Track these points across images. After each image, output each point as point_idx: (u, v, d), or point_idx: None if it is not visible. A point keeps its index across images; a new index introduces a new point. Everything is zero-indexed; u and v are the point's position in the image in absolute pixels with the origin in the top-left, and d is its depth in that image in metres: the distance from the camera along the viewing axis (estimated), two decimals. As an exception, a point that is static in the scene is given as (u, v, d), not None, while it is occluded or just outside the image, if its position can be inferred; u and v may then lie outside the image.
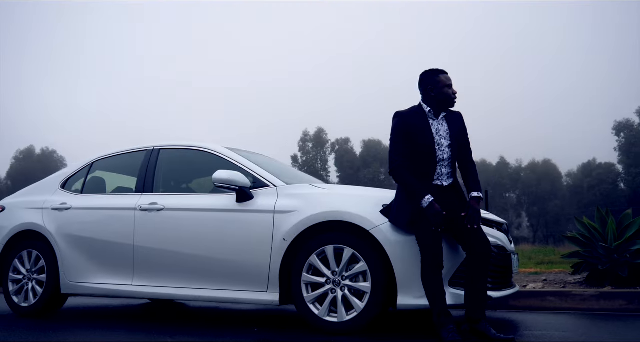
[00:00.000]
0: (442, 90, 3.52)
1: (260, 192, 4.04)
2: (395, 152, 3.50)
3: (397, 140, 3.50)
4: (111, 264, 4.51)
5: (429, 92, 3.54)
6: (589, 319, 4.38)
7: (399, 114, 3.56)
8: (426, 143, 3.47)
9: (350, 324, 3.51)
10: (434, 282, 3.27)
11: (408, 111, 3.58)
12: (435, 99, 3.53)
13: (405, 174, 3.42)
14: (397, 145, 3.50)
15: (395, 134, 3.53)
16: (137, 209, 4.46)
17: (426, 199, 3.32)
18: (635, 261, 5.48)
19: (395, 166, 3.47)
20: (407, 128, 3.49)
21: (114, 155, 5.12)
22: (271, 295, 3.80)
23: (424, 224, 3.33)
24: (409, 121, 3.51)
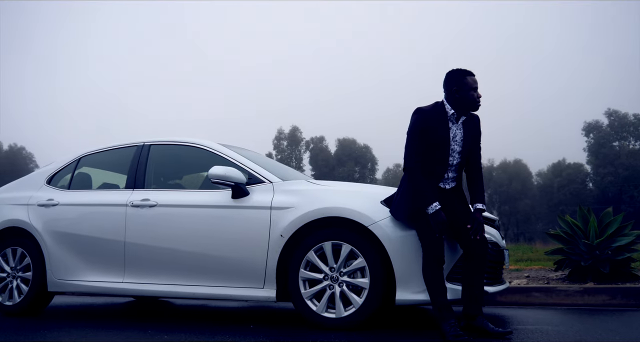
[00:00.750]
0: (467, 92, 3.42)
1: (256, 188, 4.03)
2: (412, 149, 3.43)
3: (414, 137, 3.43)
4: (101, 261, 4.44)
5: (454, 93, 3.44)
6: (576, 314, 4.49)
7: (420, 111, 3.47)
8: (441, 148, 3.43)
9: (349, 320, 3.53)
10: (435, 277, 3.30)
11: (430, 109, 3.48)
12: (459, 101, 3.44)
13: (419, 177, 3.38)
14: (413, 143, 3.44)
15: (413, 130, 3.45)
16: (128, 205, 4.40)
17: (433, 205, 3.31)
18: (616, 258, 5.63)
19: (410, 166, 3.43)
20: (426, 127, 3.42)
21: (102, 151, 5.04)
22: (268, 291, 3.80)
23: (424, 221, 3.36)
24: (430, 121, 3.44)
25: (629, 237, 5.81)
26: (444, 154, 3.45)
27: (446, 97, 3.51)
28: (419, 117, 3.45)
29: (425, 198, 3.33)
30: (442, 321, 3.24)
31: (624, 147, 47.67)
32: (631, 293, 5.06)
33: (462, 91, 3.42)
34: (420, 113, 3.46)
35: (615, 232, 5.85)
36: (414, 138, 3.44)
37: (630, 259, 5.79)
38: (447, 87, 3.49)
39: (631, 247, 5.80)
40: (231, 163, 4.21)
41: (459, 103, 3.45)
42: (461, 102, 3.44)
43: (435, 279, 3.29)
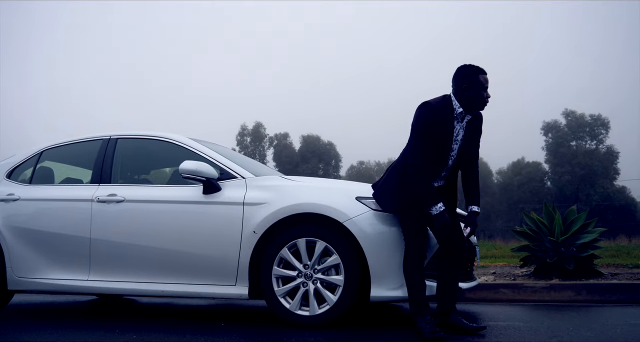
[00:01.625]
0: (478, 92, 3.29)
1: (228, 183, 3.95)
2: (419, 145, 3.28)
3: (420, 131, 3.27)
4: (65, 258, 4.28)
5: (463, 91, 3.30)
6: (544, 310, 4.55)
7: (429, 105, 3.30)
8: (442, 148, 3.33)
9: (323, 318, 3.49)
10: (415, 272, 3.27)
11: (438, 105, 3.32)
12: (468, 99, 3.31)
13: (425, 177, 3.25)
14: (419, 138, 3.28)
15: (419, 123, 3.28)
16: (94, 201, 4.25)
17: (438, 206, 3.23)
18: (581, 254, 5.75)
19: (419, 165, 3.26)
20: (432, 122, 3.27)
21: (66, 145, 4.86)
22: (240, 289, 3.73)
23: (413, 214, 3.32)
24: (437, 117, 3.28)
25: (593, 234, 5.94)
26: (444, 154, 3.34)
27: (454, 92, 3.37)
28: (427, 111, 3.28)
29: (429, 199, 3.23)
30: (418, 317, 3.23)
31: (580, 146, 49.05)
32: (595, 289, 5.17)
33: (472, 89, 3.30)
34: (427, 107, 3.30)
35: (580, 230, 5.97)
36: (420, 132, 3.28)
37: (594, 255, 5.93)
38: (457, 83, 3.34)
39: (594, 244, 5.94)
40: (202, 158, 4.12)
41: (467, 101, 3.32)
42: (470, 100, 3.31)
43: (415, 274, 3.27)
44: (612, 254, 9.97)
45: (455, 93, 3.36)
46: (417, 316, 3.24)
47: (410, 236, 3.32)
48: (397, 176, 3.40)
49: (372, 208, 3.54)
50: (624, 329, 3.45)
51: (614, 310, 4.50)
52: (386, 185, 3.46)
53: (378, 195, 3.50)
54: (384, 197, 3.45)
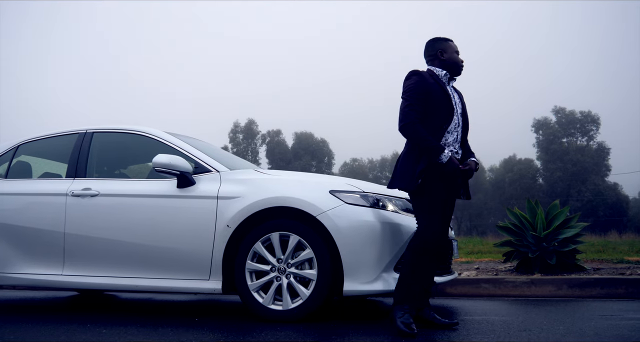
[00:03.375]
0: (452, 55, 3.41)
1: (203, 177, 3.91)
2: (411, 108, 3.23)
3: (414, 97, 3.24)
4: (39, 253, 4.23)
5: (439, 56, 3.40)
6: (522, 305, 4.54)
7: (418, 73, 3.34)
8: (446, 107, 3.28)
9: (296, 312, 3.46)
10: (422, 260, 3.16)
11: (426, 72, 3.37)
12: (445, 63, 3.40)
13: (420, 129, 3.20)
14: (413, 102, 3.23)
15: (413, 90, 3.26)
16: (68, 195, 4.20)
17: (446, 153, 3.16)
18: (562, 249, 5.75)
19: (408, 121, 3.21)
20: (426, 87, 3.27)
21: (42, 139, 4.80)
22: (214, 283, 3.69)
23: (424, 199, 3.20)
24: (429, 83, 3.29)
25: (575, 229, 5.94)
26: (449, 115, 3.29)
27: (431, 63, 3.46)
28: (419, 78, 3.30)
29: (433, 149, 3.16)
30: (398, 305, 3.13)
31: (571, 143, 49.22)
32: (576, 284, 5.17)
33: (447, 53, 3.41)
34: (418, 74, 3.33)
35: (562, 224, 5.97)
36: (414, 98, 3.24)
37: (576, 250, 5.92)
38: (432, 52, 3.45)
39: (576, 239, 5.94)
40: (177, 152, 4.08)
41: (445, 65, 3.41)
42: (448, 63, 3.40)
43: (422, 263, 3.17)
44: (598, 249, 10.01)
45: (432, 62, 3.45)
46: (397, 304, 3.14)
47: (424, 222, 3.19)
48: (407, 156, 3.30)
49: (346, 201, 3.52)
50: (597, 323, 3.44)
51: (592, 304, 4.50)
52: (398, 169, 3.33)
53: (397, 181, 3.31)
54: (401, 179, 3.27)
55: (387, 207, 3.59)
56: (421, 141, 3.19)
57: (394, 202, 3.65)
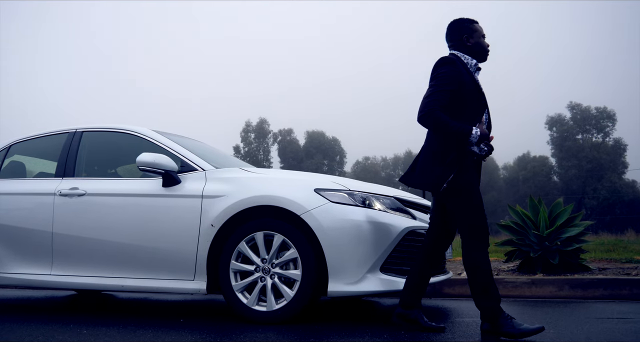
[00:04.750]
0: (479, 40, 3.11)
1: (188, 176, 3.84)
2: (434, 97, 2.94)
3: (443, 87, 2.94)
4: (28, 252, 4.20)
5: (465, 42, 3.10)
6: (519, 306, 4.42)
7: (452, 61, 3.02)
8: (478, 99, 3.02)
9: (280, 314, 3.38)
10: (487, 263, 2.96)
11: (457, 59, 3.06)
12: (471, 49, 3.10)
13: (441, 115, 2.91)
14: (439, 92, 2.94)
15: (443, 80, 2.96)
16: (56, 194, 4.16)
17: (474, 132, 2.93)
18: (566, 249, 5.60)
19: (428, 109, 2.92)
20: (460, 79, 2.97)
21: (33, 138, 4.78)
22: (198, 283, 3.62)
23: (474, 195, 2.98)
24: (462, 72, 2.99)
25: (579, 227, 5.78)
26: (481, 108, 3.05)
27: (454, 48, 3.16)
28: (453, 68, 3.00)
29: (460, 133, 2.91)
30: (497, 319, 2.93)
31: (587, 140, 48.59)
32: (578, 284, 5.03)
33: (473, 38, 3.11)
34: (452, 63, 3.02)
35: (565, 223, 5.82)
36: (444, 90, 2.94)
37: (580, 249, 5.77)
38: (456, 37, 3.14)
39: (580, 238, 5.78)
40: (163, 150, 4.02)
41: (472, 52, 3.11)
42: (474, 50, 3.11)
43: (488, 266, 2.95)
44: (608, 248, 9.79)
45: (456, 47, 3.15)
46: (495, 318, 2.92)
47: (471, 221, 2.96)
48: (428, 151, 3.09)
49: (331, 200, 3.42)
50: (591, 326, 3.32)
51: (593, 306, 4.36)
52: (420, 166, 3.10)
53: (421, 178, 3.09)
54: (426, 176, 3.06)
55: (374, 206, 3.49)
56: (445, 127, 2.91)
57: (381, 201, 3.55)
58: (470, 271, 2.99)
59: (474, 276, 2.98)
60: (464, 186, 2.98)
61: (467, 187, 2.99)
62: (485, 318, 2.95)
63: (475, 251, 2.97)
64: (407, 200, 3.74)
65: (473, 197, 2.98)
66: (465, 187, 2.98)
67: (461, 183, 2.98)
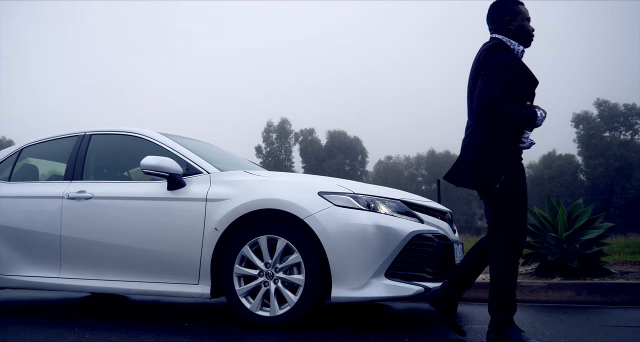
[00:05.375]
0: (523, 23, 2.87)
1: (193, 179, 3.81)
2: (493, 86, 2.71)
3: (500, 76, 2.72)
4: (38, 255, 4.22)
5: (507, 25, 2.87)
6: (534, 312, 4.29)
7: (507, 48, 2.81)
8: (528, 89, 2.84)
9: (283, 319, 3.32)
10: (515, 270, 2.80)
11: (508, 44, 2.86)
12: (514, 33, 2.87)
13: (503, 103, 2.70)
14: (498, 83, 2.72)
15: (499, 68, 2.74)
16: (64, 198, 4.17)
17: (539, 114, 2.76)
18: (585, 252, 5.44)
19: (490, 98, 2.69)
20: (514, 67, 2.77)
21: (44, 142, 4.81)
22: (202, 288, 3.58)
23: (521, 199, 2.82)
24: (514, 57, 2.81)
25: (599, 229, 5.61)
26: (531, 99, 2.88)
27: (495, 31, 2.93)
28: (507, 56, 2.79)
29: (526, 116, 2.73)
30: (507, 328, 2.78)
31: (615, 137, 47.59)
32: (597, 289, 4.86)
33: (516, 21, 2.88)
34: (507, 50, 2.80)
35: (585, 225, 5.65)
36: (499, 76, 2.73)
37: (600, 252, 5.60)
38: (498, 19, 2.91)
39: (601, 240, 5.61)
40: (169, 153, 4.00)
41: (515, 36, 2.88)
42: (517, 34, 2.87)
43: (514, 277, 2.81)
44: (633, 250, 9.50)
45: (499, 31, 2.92)
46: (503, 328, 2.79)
47: (511, 223, 2.79)
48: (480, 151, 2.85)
49: (335, 203, 3.35)
50: (605, 335, 3.19)
51: (611, 312, 4.21)
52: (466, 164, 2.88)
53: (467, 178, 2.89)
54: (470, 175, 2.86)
55: (380, 210, 3.41)
56: (510, 114, 2.71)
57: (387, 204, 3.46)
58: (494, 278, 2.83)
59: (497, 285, 2.82)
60: (511, 187, 2.80)
61: (515, 190, 2.81)
62: (494, 327, 2.84)
63: (505, 258, 2.80)
64: (414, 203, 3.65)
65: (518, 201, 2.81)
66: (513, 190, 2.81)
67: (509, 183, 2.80)
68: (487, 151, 2.80)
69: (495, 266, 2.82)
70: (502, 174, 2.77)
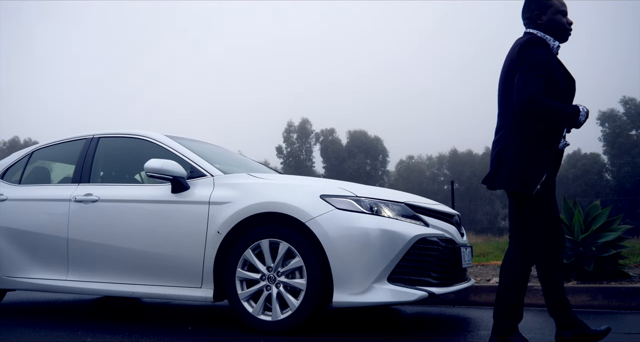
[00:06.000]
0: (553, 16, 2.73)
1: (198, 182, 3.79)
2: (535, 82, 2.58)
3: (538, 71, 2.60)
4: (46, 258, 4.25)
5: (536, 19, 2.76)
6: (544, 317, 4.17)
7: (544, 42, 2.69)
8: (565, 86, 2.72)
9: (285, 324, 3.28)
10: (525, 275, 2.72)
11: (544, 39, 2.73)
12: (544, 28, 2.75)
13: (546, 99, 2.58)
14: (539, 78, 2.59)
15: (537, 63, 2.61)
16: (72, 200, 4.19)
17: (582, 109, 2.64)
18: (602, 255, 5.30)
19: (532, 94, 2.56)
20: (551, 63, 2.66)
21: (54, 144, 4.85)
22: (205, 291, 3.56)
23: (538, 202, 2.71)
24: (551, 53, 2.69)
25: (616, 232, 5.46)
26: (570, 96, 2.76)
27: (529, 26, 2.81)
28: (545, 51, 2.66)
29: (569, 111, 2.60)
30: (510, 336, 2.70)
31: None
32: (614, 293, 4.73)
33: (546, 15, 2.74)
34: (544, 45, 2.68)
35: (602, 227, 5.51)
36: (538, 71, 2.60)
37: (618, 255, 5.45)
38: (528, 15, 2.81)
39: (619, 243, 5.46)
40: (174, 155, 3.99)
41: (547, 30, 2.76)
42: (548, 28, 2.75)
43: (524, 284, 2.72)
44: (656, 252, 9.27)
45: (531, 26, 2.81)
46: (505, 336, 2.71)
47: (530, 229, 2.71)
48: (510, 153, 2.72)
49: (337, 207, 3.30)
50: (617, 340, 3.08)
51: (626, 318, 4.09)
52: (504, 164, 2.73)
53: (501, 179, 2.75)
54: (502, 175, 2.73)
55: (383, 213, 3.35)
56: (553, 111, 2.59)
57: (390, 207, 3.40)
58: (504, 281, 2.75)
59: (507, 289, 2.74)
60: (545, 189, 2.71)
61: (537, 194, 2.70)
62: (497, 333, 2.77)
63: (519, 263, 2.72)
64: (420, 206, 3.58)
65: (540, 206, 2.72)
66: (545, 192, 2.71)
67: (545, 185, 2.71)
68: (527, 150, 2.67)
69: (508, 270, 2.75)
70: (544, 173, 2.66)
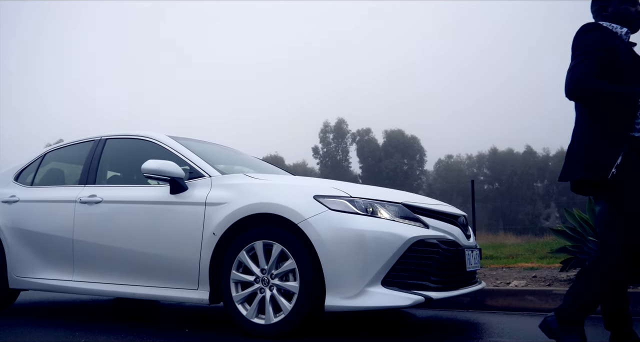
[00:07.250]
0: (620, 6, 2.63)
1: (196, 182, 3.75)
2: (582, 66, 2.49)
3: (590, 54, 2.50)
4: (53, 258, 4.29)
5: (601, 11, 2.69)
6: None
7: (600, 26, 2.60)
8: (632, 75, 2.56)
9: (278, 327, 3.20)
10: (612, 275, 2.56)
11: (607, 27, 2.64)
12: (611, 19, 2.66)
13: (595, 81, 2.46)
14: (589, 61, 2.49)
15: (589, 47, 2.53)
16: (77, 202, 4.22)
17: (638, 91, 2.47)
18: (628, 257, 5.03)
19: (579, 77, 2.47)
20: (610, 44, 2.54)
21: (65, 146, 4.91)
22: (201, 293, 3.51)
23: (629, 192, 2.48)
24: (613, 40, 2.56)
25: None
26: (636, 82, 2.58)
27: (599, 18, 2.74)
28: (599, 33, 2.57)
29: (623, 93, 2.45)
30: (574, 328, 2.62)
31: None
32: (638, 299, 4.47)
33: (612, 5, 2.65)
34: (598, 28, 2.58)
35: None
36: (589, 54, 2.51)
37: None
38: (595, 7, 2.76)
39: (647, 245, 5.18)
40: (174, 156, 3.96)
41: (615, 21, 2.66)
42: (616, 19, 2.65)
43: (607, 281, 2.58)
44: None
45: (598, 18, 2.74)
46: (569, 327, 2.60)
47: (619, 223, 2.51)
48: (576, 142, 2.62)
49: (330, 208, 3.20)
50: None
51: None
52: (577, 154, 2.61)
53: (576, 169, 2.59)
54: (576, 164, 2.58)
55: (378, 214, 3.23)
56: (604, 93, 2.45)
57: (386, 208, 3.28)
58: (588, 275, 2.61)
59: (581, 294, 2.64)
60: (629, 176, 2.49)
61: (634, 180, 2.49)
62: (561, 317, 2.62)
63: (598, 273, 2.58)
64: (420, 207, 3.44)
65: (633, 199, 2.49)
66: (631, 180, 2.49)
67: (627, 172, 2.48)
68: (591, 137, 2.53)
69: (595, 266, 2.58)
70: (618, 155, 2.46)
